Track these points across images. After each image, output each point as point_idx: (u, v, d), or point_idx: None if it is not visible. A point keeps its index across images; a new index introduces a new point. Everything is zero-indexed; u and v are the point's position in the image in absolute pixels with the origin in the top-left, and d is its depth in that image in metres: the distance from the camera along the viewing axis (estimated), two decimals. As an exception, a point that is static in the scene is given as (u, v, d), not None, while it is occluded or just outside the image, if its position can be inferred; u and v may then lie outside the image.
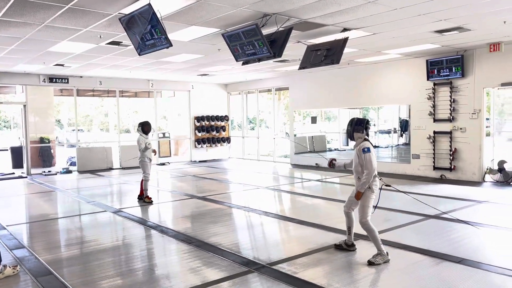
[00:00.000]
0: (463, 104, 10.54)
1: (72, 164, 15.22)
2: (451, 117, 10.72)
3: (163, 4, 5.91)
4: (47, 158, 15.42)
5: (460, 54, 10.30)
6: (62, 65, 11.48)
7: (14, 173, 13.68)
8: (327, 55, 7.89)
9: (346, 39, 7.66)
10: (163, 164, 16.06)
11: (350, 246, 5.15)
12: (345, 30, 7.62)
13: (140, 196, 8.72)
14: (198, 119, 17.15)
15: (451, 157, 10.78)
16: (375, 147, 4.94)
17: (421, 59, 11.19)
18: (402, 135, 14.63)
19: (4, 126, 34.67)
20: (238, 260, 4.91)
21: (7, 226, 6.81)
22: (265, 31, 6.78)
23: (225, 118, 17.85)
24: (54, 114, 17.11)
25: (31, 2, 5.69)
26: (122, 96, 17.58)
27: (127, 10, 6.11)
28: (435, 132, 11.10)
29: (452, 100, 10.68)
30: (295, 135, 15.77)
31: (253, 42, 6.74)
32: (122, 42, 8.39)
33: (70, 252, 5.47)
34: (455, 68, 10.41)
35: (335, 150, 16.51)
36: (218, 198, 8.98)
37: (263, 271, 4.55)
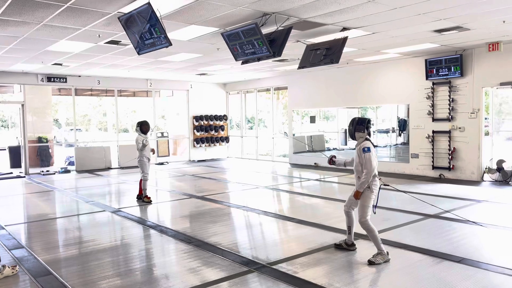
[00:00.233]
0: (462, 103, 10.55)
1: (70, 163, 15.19)
2: (450, 116, 10.73)
3: (162, 3, 5.89)
4: (45, 158, 15.38)
5: (459, 53, 10.31)
6: (61, 64, 11.44)
7: (12, 172, 13.63)
8: (326, 54, 7.88)
9: (345, 39, 7.65)
10: (162, 163, 16.03)
11: (350, 246, 5.15)
12: (344, 29, 7.62)
13: (139, 196, 8.71)
14: (197, 118, 17.13)
15: (450, 156, 10.79)
16: (374, 146, 4.93)
17: (420, 59, 11.20)
18: (400, 135, 14.65)
19: (2, 126, 34.57)
20: (237, 260, 4.90)
21: (6, 226, 6.79)
22: (264, 30, 6.77)
23: (223, 118, 17.84)
24: (52, 113, 17.08)
25: (29, 0, 5.66)
26: (121, 96, 17.55)
27: (126, 9, 6.09)
28: (434, 132, 11.11)
29: (451, 99, 10.69)
30: (293, 135, 15.77)
31: (252, 42, 6.72)
32: (121, 41, 8.37)
33: (69, 252, 5.45)
34: (454, 68, 10.42)
35: (334, 149, 16.51)
36: (217, 197, 8.96)
37: (263, 271, 4.54)
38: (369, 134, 4.93)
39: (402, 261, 4.81)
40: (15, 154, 14.92)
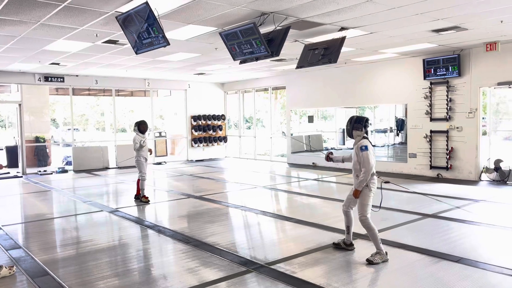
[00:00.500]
0: (459, 103, 10.57)
1: (68, 163, 15.15)
2: (448, 116, 10.74)
3: (160, 3, 5.88)
4: (42, 158, 15.34)
5: (456, 53, 10.32)
6: (58, 64, 11.41)
7: (9, 172, 13.59)
8: (324, 54, 7.88)
9: (343, 38, 7.65)
10: (160, 163, 16.00)
11: (348, 246, 5.14)
12: (342, 29, 7.62)
13: (136, 196, 8.69)
14: (195, 118, 17.12)
15: (448, 156, 10.81)
16: (373, 146, 4.93)
17: (417, 58, 11.21)
18: (398, 134, 14.67)
19: (-1, 125, 34.44)
20: (236, 260, 4.89)
21: (3, 226, 6.76)
22: (262, 30, 6.77)
23: (221, 117, 17.82)
24: (49, 113, 17.02)
25: (27, 0, 5.63)
26: (118, 95, 17.52)
27: (124, 9, 6.08)
28: (431, 131, 11.12)
29: (448, 99, 10.71)
30: (292, 134, 15.77)
31: (250, 41, 6.71)
32: (118, 40, 8.34)
33: (66, 252, 5.44)
34: (452, 68, 10.43)
35: (332, 148, 16.52)
36: (215, 197, 8.95)
37: (261, 271, 4.53)
38: (366, 133, 4.94)
39: (400, 260, 4.82)
40: (12, 154, 14.87)
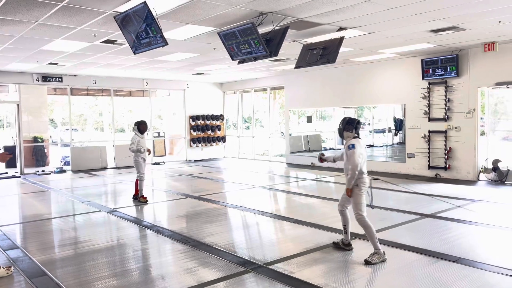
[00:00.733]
0: (457, 103, 10.58)
1: (66, 163, 15.11)
2: (446, 116, 10.76)
3: (158, 2, 5.87)
4: (40, 158, 15.30)
5: (455, 53, 10.34)
6: (56, 63, 11.39)
7: (7, 172, 13.56)
8: (323, 54, 7.88)
9: (342, 38, 7.65)
10: (158, 163, 15.99)
11: (346, 246, 5.15)
12: (341, 29, 7.62)
13: (135, 196, 8.68)
14: (193, 118, 17.10)
15: (446, 156, 10.82)
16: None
17: (416, 59, 11.22)
18: (396, 134, 14.69)
19: (-3, 125, 34.35)
20: (234, 260, 4.89)
21: (1, 226, 6.74)
22: (261, 30, 6.76)
23: (220, 117, 17.82)
24: (47, 113, 16.99)
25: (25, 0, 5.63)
26: (117, 95, 17.47)
27: (122, 8, 6.06)
28: (430, 131, 11.14)
29: (447, 99, 10.72)
30: (290, 134, 15.77)
31: (249, 41, 6.71)
32: (116, 40, 8.33)
33: (64, 253, 5.42)
34: (450, 68, 10.44)
35: (330, 149, 16.54)
36: (213, 197, 8.94)
37: (259, 271, 4.53)
38: (358, 134, 5.03)
39: (398, 261, 4.82)
40: (10, 154, 14.80)
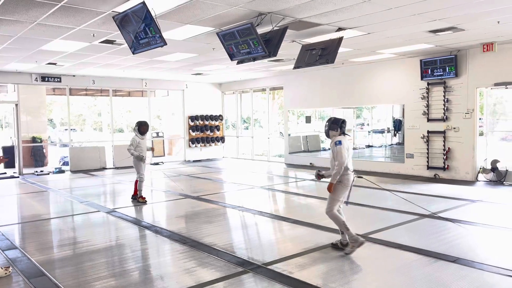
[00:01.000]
0: (456, 104, 10.59)
1: (65, 163, 15.09)
2: (445, 116, 10.77)
3: (157, 2, 5.87)
4: (39, 158, 15.28)
5: (453, 54, 10.35)
6: (55, 64, 11.37)
7: (5, 172, 13.53)
8: (322, 54, 7.88)
9: (341, 39, 7.65)
10: (157, 163, 15.98)
11: (345, 246, 5.15)
12: (340, 29, 7.62)
13: (133, 196, 8.67)
14: (192, 118, 17.10)
15: (445, 156, 10.83)
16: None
17: (415, 59, 11.23)
18: (395, 135, 14.69)
19: (-4, 126, 34.29)
20: (233, 260, 4.89)
21: (-1, 226, 6.74)
22: (260, 30, 6.76)
23: (219, 118, 17.81)
24: (46, 113, 16.98)
25: (23, -1, 5.62)
26: (116, 96, 17.47)
27: (121, 8, 6.06)
28: (429, 132, 11.15)
29: (445, 100, 10.73)
30: (289, 135, 15.77)
31: (248, 41, 6.71)
32: (115, 40, 8.32)
33: (63, 253, 5.42)
34: (449, 68, 10.46)
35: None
36: (212, 198, 8.94)
37: (258, 271, 4.53)
38: (343, 133, 5.17)
39: (397, 261, 4.82)
40: (8, 154, 14.78)
